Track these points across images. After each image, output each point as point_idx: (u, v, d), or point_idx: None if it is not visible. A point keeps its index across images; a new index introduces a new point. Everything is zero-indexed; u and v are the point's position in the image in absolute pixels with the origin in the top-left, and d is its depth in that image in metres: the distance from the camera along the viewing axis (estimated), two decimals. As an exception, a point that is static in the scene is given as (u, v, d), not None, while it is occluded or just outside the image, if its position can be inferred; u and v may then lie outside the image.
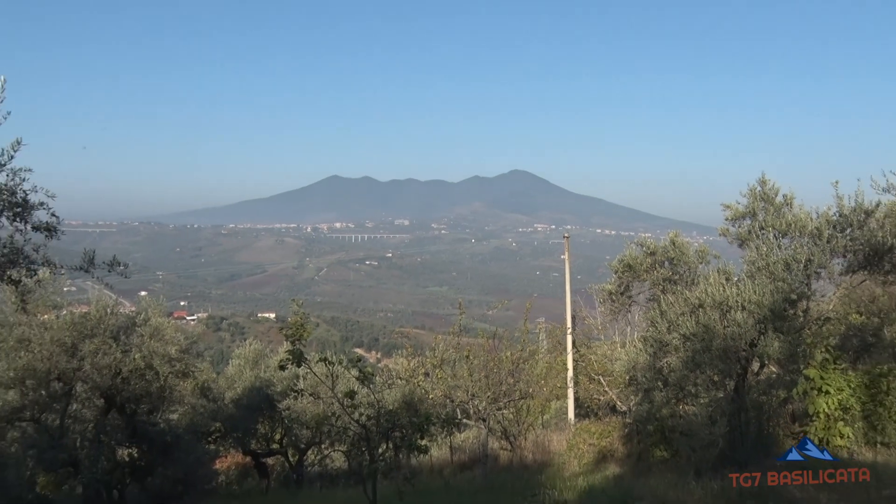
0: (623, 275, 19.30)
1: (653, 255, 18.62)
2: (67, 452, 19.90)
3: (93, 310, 20.64)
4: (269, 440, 26.59)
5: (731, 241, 17.14)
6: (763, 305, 14.23)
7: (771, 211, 16.25)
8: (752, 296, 14.36)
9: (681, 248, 18.35)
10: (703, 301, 14.95)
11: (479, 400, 18.37)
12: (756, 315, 14.28)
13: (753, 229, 16.41)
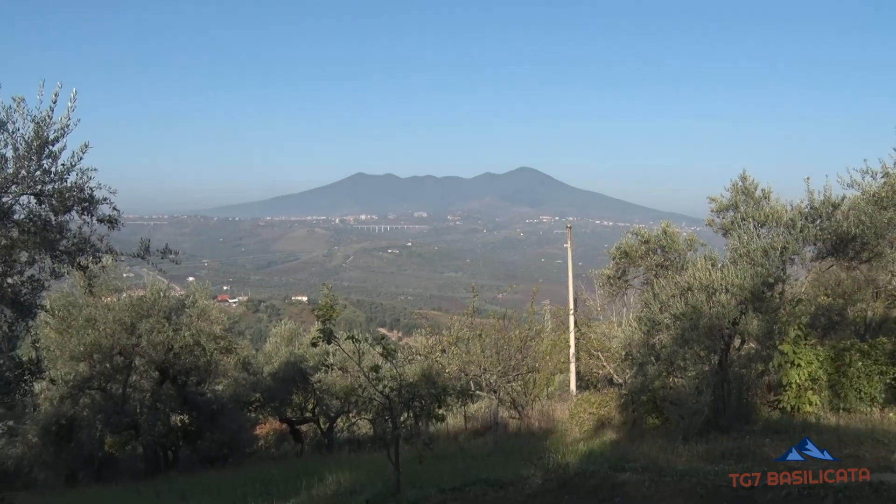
0: (620, 261, 19.37)
1: (647, 244, 18.68)
2: (129, 417, 20.24)
3: (148, 293, 20.92)
4: (302, 409, 26.84)
5: (717, 231, 17.23)
6: (744, 288, 14.32)
7: (751, 204, 16.35)
8: (734, 279, 14.45)
9: (672, 237, 18.41)
10: (691, 284, 15.04)
11: (491, 374, 18.50)
12: (738, 297, 14.37)
13: (736, 220, 16.51)
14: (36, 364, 8.77)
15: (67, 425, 20.46)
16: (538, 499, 9.19)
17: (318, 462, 18.49)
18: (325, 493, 11.75)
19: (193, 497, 13.58)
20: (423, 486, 10.94)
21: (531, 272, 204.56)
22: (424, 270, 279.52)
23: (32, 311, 8.32)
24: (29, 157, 7.17)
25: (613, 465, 10.27)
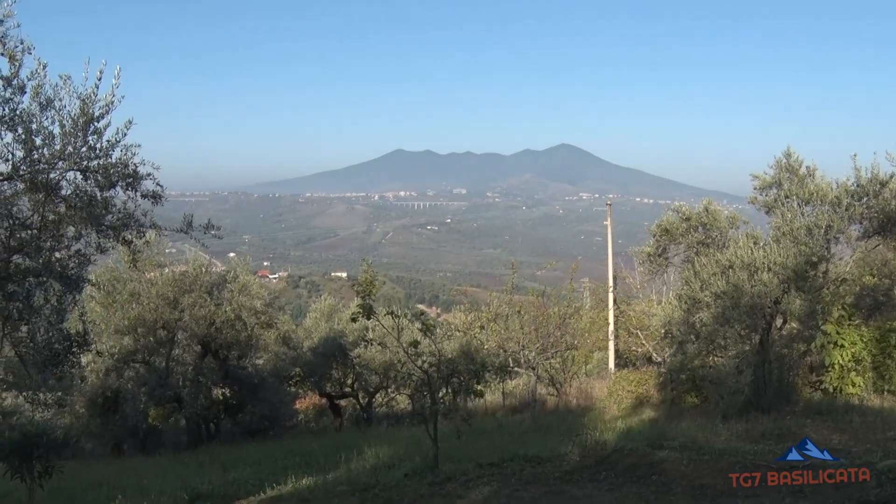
0: (660, 238, 19.18)
1: (688, 221, 18.47)
2: (172, 390, 20.66)
3: (190, 269, 21.25)
4: (342, 384, 27.10)
5: (759, 209, 16.97)
6: (787, 267, 14.14)
7: (795, 181, 16.05)
8: (777, 258, 14.27)
9: (713, 215, 18.18)
10: (732, 262, 14.89)
11: (529, 350, 18.53)
12: (780, 276, 14.19)
13: (779, 198, 16.23)
14: (83, 336, 8.98)
15: (113, 397, 20.94)
16: (575, 475, 9.22)
17: (356, 436, 18.70)
18: (364, 467, 11.90)
19: (235, 468, 13.82)
20: (460, 461, 11.03)
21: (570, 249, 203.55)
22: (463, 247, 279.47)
23: (79, 285, 8.51)
24: (75, 134, 7.30)
25: (651, 443, 10.25)
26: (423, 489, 9.27)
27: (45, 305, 8.63)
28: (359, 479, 10.55)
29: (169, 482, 12.07)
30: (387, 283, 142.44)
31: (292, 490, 10.36)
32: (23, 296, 8.27)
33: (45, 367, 8.92)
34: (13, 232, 7.69)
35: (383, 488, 9.61)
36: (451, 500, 8.53)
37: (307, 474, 11.57)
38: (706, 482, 7.78)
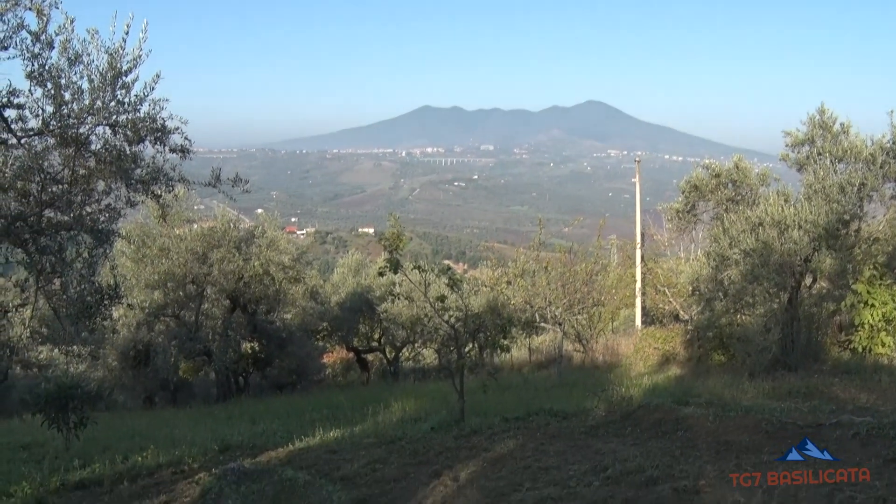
0: (690, 195, 18.99)
1: (718, 177, 18.24)
2: (202, 344, 20.98)
3: (219, 224, 21.40)
4: (369, 338, 27.36)
5: (791, 166, 16.69)
6: (818, 225, 13.96)
7: (828, 138, 15.74)
8: (808, 216, 14.09)
9: (744, 171, 17.94)
10: (762, 220, 14.73)
11: (556, 306, 18.54)
12: (811, 234, 14.02)
13: (812, 155, 15.95)
14: (114, 290, 9.10)
15: (144, 350, 21.29)
16: (601, 430, 9.27)
17: (383, 390, 18.91)
18: (391, 420, 12.03)
19: (263, 421, 14.05)
20: (486, 415, 11.13)
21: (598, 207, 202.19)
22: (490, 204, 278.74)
23: (110, 239, 8.60)
24: (103, 89, 7.32)
25: (678, 400, 10.26)
26: (449, 442, 9.37)
27: (76, 259, 8.74)
28: (385, 432, 10.68)
29: (199, 434, 12.29)
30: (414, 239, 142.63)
31: (320, 442, 10.52)
32: (55, 249, 8.38)
33: (78, 320, 9.06)
34: (45, 186, 7.76)
35: (410, 441, 9.73)
36: (476, 452, 8.61)
37: (334, 427, 11.73)
38: (732, 438, 7.79)
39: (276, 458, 9.63)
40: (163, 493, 8.28)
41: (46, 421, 11.27)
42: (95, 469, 9.37)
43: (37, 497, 8.03)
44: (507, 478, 7.30)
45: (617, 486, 6.48)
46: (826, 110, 16.09)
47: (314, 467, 8.63)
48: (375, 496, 7.25)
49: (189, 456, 9.92)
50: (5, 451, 11.73)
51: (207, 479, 8.31)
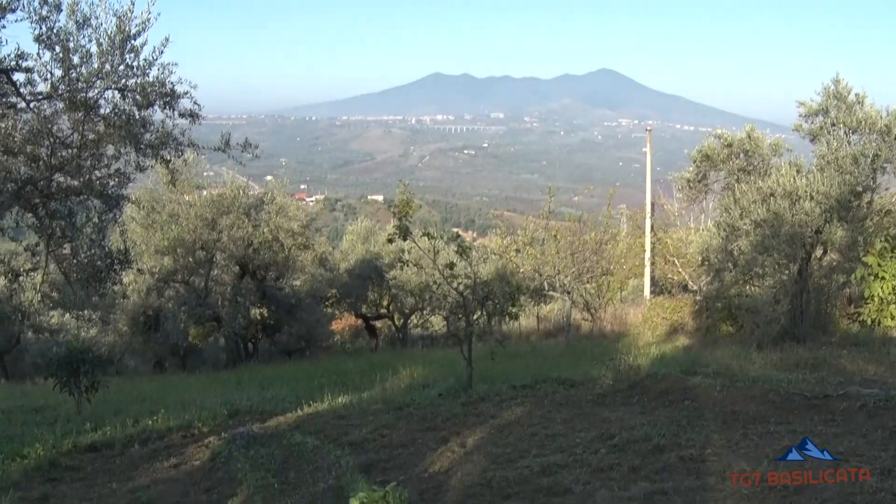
0: (701, 164, 18.86)
1: (729, 147, 18.10)
2: (212, 309, 21.10)
3: (228, 190, 21.43)
4: (377, 305, 27.45)
5: (804, 137, 16.52)
6: (830, 196, 13.86)
7: (843, 108, 15.55)
8: (820, 187, 13.99)
9: (756, 141, 17.78)
10: (774, 190, 14.63)
11: (565, 275, 18.54)
12: (823, 205, 13.93)
13: (825, 126, 15.77)
14: (124, 254, 9.14)
15: (154, 316, 21.45)
16: (608, 398, 9.31)
17: (391, 357, 19.00)
18: (399, 387, 12.10)
19: (272, 386, 14.14)
20: (494, 382, 11.17)
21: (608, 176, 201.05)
22: (500, 172, 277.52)
23: (119, 203, 8.63)
24: (112, 52, 7.28)
25: (685, 369, 10.28)
26: (456, 408, 9.43)
27: (86, 224, 8.77)
28: (393, 398, 10.75)
29: (209, 398, 12.39)
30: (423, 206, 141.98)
31: (328, 408, 10.60)
32: (65, 214, 8.42)
33: (89, 284, 9.12)
34: (54, 151, 7.77)
35: (417, 407, 9.79)
36: (483, 419, 8.67)
37: (343, 393, 11.81)
38: (739, 408, 7.81)
39: (284, 423, 9.72)
40: (173, 456, 8.38)
41: (58, 384, 11.40)
42: (107, 432, 9.49)
43: (49, 459, 8.13)
44: (514, 444, 7.35)
45: (623, 454, 6.51)
46: (841, 80, 15.89)
47: (322, 432, 8.70)
48: (383, 461, 7.32)
49: (199, 420, 10.03)
50: (18, 414, 11.88)
51: (217, 442, 8.40)
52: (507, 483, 5.97)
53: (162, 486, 7.16)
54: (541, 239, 19.57)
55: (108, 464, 8.24)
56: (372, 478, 6.22)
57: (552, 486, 5.76)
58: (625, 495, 5.34)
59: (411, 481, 6.39)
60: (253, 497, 5.88)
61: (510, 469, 6.38)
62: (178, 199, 20.79)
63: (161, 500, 6.52)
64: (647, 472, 5.93)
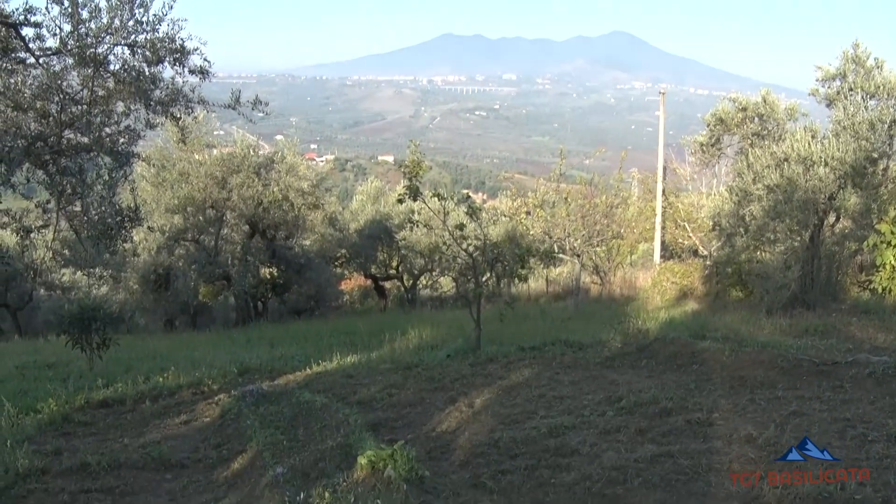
0: (715, 128, 18.71)
1: (744, 111, 17.93)
2: (221, 268, 21.19)
3: (238, 149, 21.40)
4: (387, 266, 27.51)
5: (820, 102, 16.31)
6: (845, 162, 13.73)
7: (861, 73, 15.32)
8: (835, 152, 13.86)
9: (771, 105, 17.61)
10: (788, 155, 14.51)
11: (575, 238, 18.51)
12: (837, 171, 13.81)
13: (842, 90, 15.56)
14: (134, 212, 9.13)
15: (164, 274, 21.57)
16: (616, 361, 9.34)
17: (400, 317, 19.08)
18: (408, 347, 12.17)
19: (281, 345, 14.25)
20: (502, 344, 11.22)
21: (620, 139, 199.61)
22: (511, 134, 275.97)
23: (129, 160, 8.62)
24: (121, 7, 7.22)
25: (694, 334, 10.29)
26: (464, 369, 9.48)
27: (97, 181, 8.77)
28: (402, 358, 10.81)
29: (219, 356, 12.50)
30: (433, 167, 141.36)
31: (337, 367, 10.67)
32: (75, 171, 8.40)
33: (99, 242, 9.13)
34: (64, 107, 7.75)
35: (426, 367, 9.85)
36: (491, 380, 8.71)
37: (352, 352, 11.88)
38: (747, 373, 7.82)
39: (293, 381, 9.80)
40: (183, 412, 8.47)
41: (70, 341, 11.51)
42: (118, 388, 9.59)
43: (62, 414, 8.23)
44: (522, 405, 7.39)
45: (631, 417, 6.54)
46: (860, 44, 15.65)
47: (331, 391, 8.77)
48: (391, 420, 7.37)
49: (209, 378, 10.11)
50: (32, 370, 12.01)
51: (227, 400, 8.48)
52: (515, 443, 6.01)
53: (172, 441, 7.24)
54: (551, 201, 19.51)
55: (120, 419, 8.33)
56: (380, 436, 6.27)
57: (559, 447, 5.80)
58: (631, 457, 5.37)
59: (419, 440, 6.44)
60: (262, 454, 5.93)
61: (518, 429, 6.42)
62: (188, 158, 20.78)
63: (172, 456, 6.59)
64: (654, 435, 5.96)
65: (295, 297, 23.90)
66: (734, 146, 19.13)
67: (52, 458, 6.42)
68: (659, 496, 4.71)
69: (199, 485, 5.82)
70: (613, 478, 4.99)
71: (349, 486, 4.68)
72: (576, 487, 4.96)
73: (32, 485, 5.73)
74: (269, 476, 5.20)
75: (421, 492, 4.74)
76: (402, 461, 4.89)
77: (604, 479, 4.97)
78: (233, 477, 5.85)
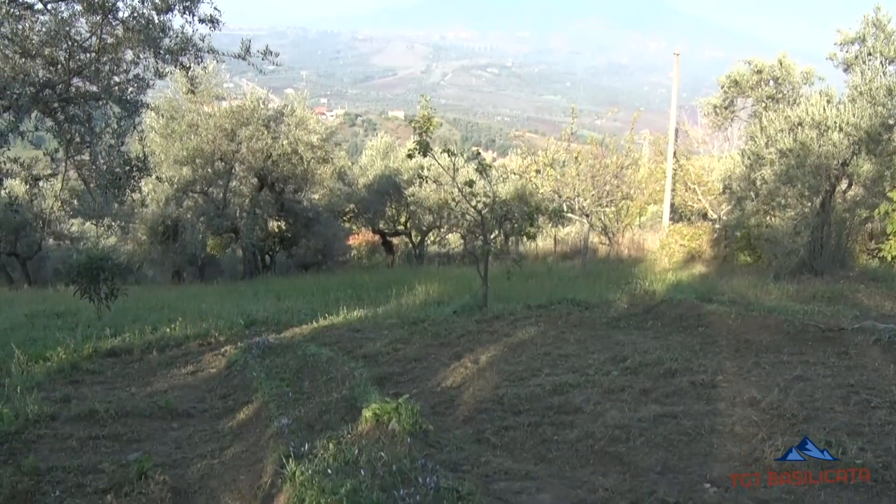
0: (729, 90, 18.53)
1: (759, 73, 17.73)
2: (230, 220, 21.22)
3: (247, 102, 21.30)
4: (395, 222, 27.53)
5: (837, 66, 16.07)
6: (860, 128, 13.58)
7: (881, 37, 15.06)
8: (850, 118, 13.70)
9: (787, 69, 17.41)
10: (802, 120, 14.36)
11: (584, 198, 18.45)
12: (852, 137, 13.67)
13: (861, 55, 15.31)
14: (143, 161, 9.13)
15: (173, 226, 21.62)
16: (622, 322, 9.35)
17: (407, 273, 19.12)
18: (414, 303, 12.21)
19: (288, 298, 14.32)
20: (509, 302, 11.25)
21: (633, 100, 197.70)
22: (523, 92, 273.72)
23: (138, 109, 8.58)
24: (131, -48, 7.14)
25: (701, 296, 10.28)
26: (470, 326, 9.51)
27: (105, 130, 8.74)
28: (408, 314, 10.86)
29: (226, 308, 12.58)
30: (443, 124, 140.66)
31: (343, 321, 10.72)
32: (84, 119, 8.38)
33: (108, 191, 9.14)
34: (72, 54, 7.70)
35: (432, 323, 9.88)
36: (497, 337, 8.74)
37: (358, 307, 11.94)
38: (752, 337, 7.82)
39: (300, 334, 9.86)
40: (190, 363, 8.54)
41: (79, 291, 11.59)
42: (126, 338, 9.67)
43: (71, 362, 8.30)
44: (527, 363, 7.41)
45: (635, 377, 6.56)
46: (881, 8, 15.38)
47: (337, 344, 8.82)
48: (396, 374, 7.41)
49: (216, 329, 10.19)
50: (41, 319, 12.11)
51: (233, 351, 8.55)
52: (519, 400, 6.04)
53: (179, 391, 7.31)
54: (561, 161, 19.41)
55: (127, 368, 8.41)
56: (385, 390, 6.31)
57: (563, 405, 5.83)
58: (635, 416, 5.39)
59: (423, 395, 6.48)
60: (267, 405, 5.99)
61: (522, 387, 6.45)
62: (197, 110, 20.70)
63: (178, 405, 6.65)
64: (658, 395, 5.98)
65: (302, 251, 23.96)
66: (748, 109, 18.97)
67: (60, 405, 6.49)
68: (661, 456, 4.73)
69: (205, 434, 5.88)
70: (616, 436, 5.02)
71: (353, 439, 4.72)
72: (578, 445, 4.99)
73: (42, 430, 5.80)
74: (274, 427, 5.25)
75: (424, 445, 4.78)
76: (406, 415, 4.92)
77: (606, 438, 5.00)
78: (238, 427, 5.91)
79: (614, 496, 4.13)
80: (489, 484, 4.37)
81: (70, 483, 4.68)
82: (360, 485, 3.81)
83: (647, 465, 4.63)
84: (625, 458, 4.72)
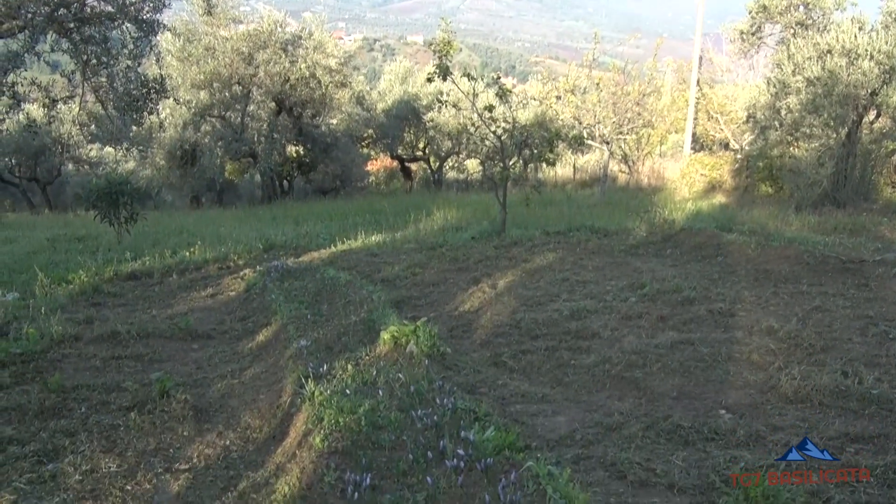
0: (757, 15, 18.06)
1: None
2: (247, 145, 21.14)
3: (265, 25, 20.96)
4: (413, 147, 27.36)
5: (872, -12, 15.60)
6: (892, 56, 13.22)
7: (919, -40, 14.55)
8: (882, 45, 13.33)
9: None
10: (832, 47, 13.99)
11: (605, 125, 18.20)
12: (883, 65, 13.32)
13: (897, -22, 14.81)
14: (160, 83, 9.06)
15: (191, 150, 21.56)
16: (641, 249, 9.32)
17: (426, 199, 19.08)
18: (432, 228, 12.21)
19: (306, 223, 14.34)
20: (527, 228, 11.24)
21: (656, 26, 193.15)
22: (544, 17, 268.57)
23: (154, 29, 8.48)
24: None
25: (721, 226, 10.23)
26: (489, 251, 9.52)
27: (121, 51, 8.67)
28: (426, 239, 10.87)
29: (244, 232, 12.63)
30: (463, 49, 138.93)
31: (361, 245, 10.76)
32: (100, 40, 8.29)
33: (125, 113, 9.11)
34: (87, -29, 7.57)
35: (450, 248, 9.90)
36: (515, 263, 8.75)
37: (376, 232, 11.97)
38: (771, 267, 7.78)
39: (318, 258, 9.90)
40: (209, 286, 8.62)
41: (99, 215, 11.66)
42: (146, 262, 9.76)
43: (93, 285, 8.39)
44: (545, 288, 7.43)
45: (653, 304, 6.56)
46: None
47: (355, 268, 8.87)
48: (414, 298, 7.45)
49: (234, 253, 10.25)
50: (62, 243, 12.22)
51: (252, 275, 8.60)
52: (536, 325, 6.07)
53: (199, 313, 7.39)
54: (582, 87, 19.07)
55: (148, 291, 8.50)
56: (403, 314, 6.36)
57: (580, 330, 5.85)
58: (652, 342, 5.41)
59: (441, 319, 6.52)
60: (286, 327, 6.03)
61: (539, 312, 6.48)
62: (213, 33, 20.43)
63: (198, 327, 6.73)
64: (675, 323, 5.99)
65: (321, 177, 23.91)
66: (775, 36, 18.52)
67: (83, 326, 6.58)
68: (677, 381, 4.76)
69: (225, 354, 5.96)
70: (633, 362, 5.04)
71: (371, 360, 4.77)
72: (595, 369, 5.02)
73: (66, 350, 5.89)
74: (293, 348, 5.30)
75: (442, 368, 4.83)
76: (424, 337, 4.96)
77: (623, 363, 5.03)
78: (257, 348, 5.98)
79: (629, 420, 4.17)
80: (506, 406, 4.43)
81: (95, 400, 4.77)
82: (378, 405, 3.86)
83: (662, 390, 4.66)
84: (641, 384, 4.75)
